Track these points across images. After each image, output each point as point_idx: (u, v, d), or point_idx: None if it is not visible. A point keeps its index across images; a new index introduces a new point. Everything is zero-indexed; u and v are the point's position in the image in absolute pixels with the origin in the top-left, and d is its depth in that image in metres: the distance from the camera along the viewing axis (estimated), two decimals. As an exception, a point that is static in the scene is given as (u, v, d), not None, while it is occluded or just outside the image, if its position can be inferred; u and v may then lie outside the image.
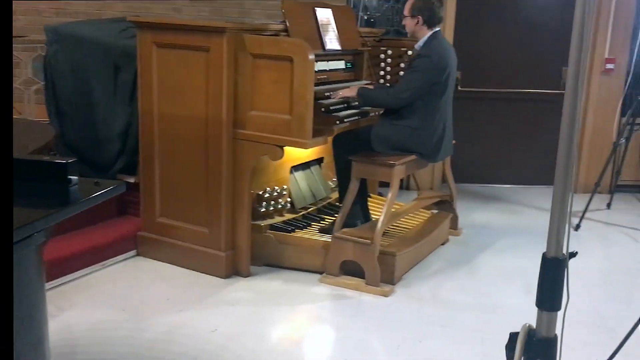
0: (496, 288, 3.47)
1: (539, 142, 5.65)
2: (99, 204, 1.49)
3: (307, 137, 3.09)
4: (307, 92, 3.02)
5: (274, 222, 3.69)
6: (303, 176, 4.05)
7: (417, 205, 4.03)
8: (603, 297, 3.41)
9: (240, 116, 3.25)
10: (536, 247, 4.07)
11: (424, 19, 3.46)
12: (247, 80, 3.19)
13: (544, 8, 5.38)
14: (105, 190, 1.44)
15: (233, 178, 3.34)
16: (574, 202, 4.83)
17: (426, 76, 3.39)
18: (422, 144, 3.52)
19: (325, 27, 3.83)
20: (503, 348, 2.76)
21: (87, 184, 1.46)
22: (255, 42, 3.13)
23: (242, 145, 3.28)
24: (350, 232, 3.43)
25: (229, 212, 3.38)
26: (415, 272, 3.64)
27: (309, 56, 2.99)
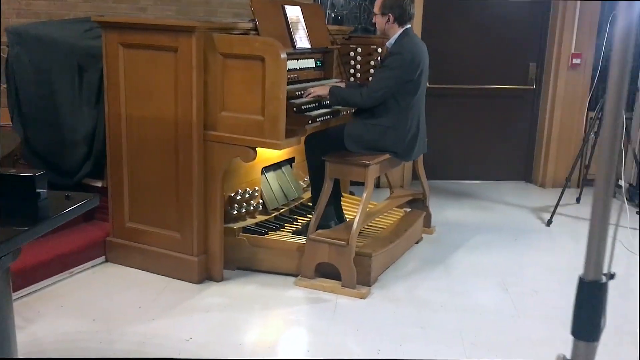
0: (472, 286, 3.47)
1: (507, 137, 5.71)
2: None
3: (280, 138, 3.03)
4: (280, 92, 2.96)
5: (246, 224, 3.63)
6: (274, 177, 3.99)
7: (390, 204, 4.01)
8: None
9: (211, 117, 3.17)
10: (508, 243, 4.16)
11: (394, 17, 3.43)
12: (217, 80, 3.11)
13: (510, 4, 5.42)
14: (77, 205, 1.35)
15: (204, 181, 3.26)
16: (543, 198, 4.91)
17: (399, 74, 3.36)
18: (395, 143, 3.49)
19: (295, 26, 3.77)
20: (484, 349, 2.77)
21: (57, 198, 1.37)
22: (225, 41, 3.06)
23: (213, 147, 3.21)
24: (325, 233, 3.39)
25: (201, 215, 3.30)
26: (390, 272, 3.61)
27: (281, 55, 2.93)
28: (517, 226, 4.55)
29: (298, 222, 3.87)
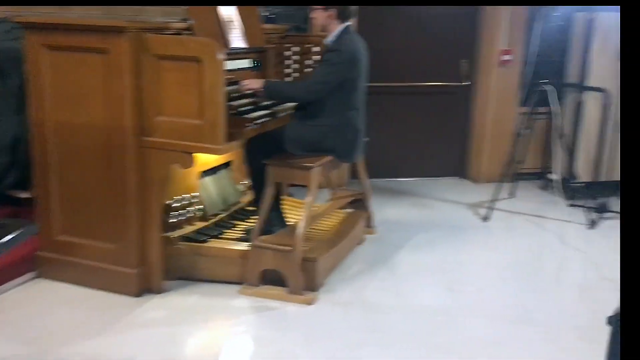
0: (418, 287, 3.46)
1: (442, 134, 5.78)
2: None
3: (220, 142, 2.91)
4: (218, 94, 2.84)
5: (185, 232, 3.48)
6: (213, 181, 3.86)
7: (332, 206, 3.96)
8: (524, 289, 3.48)
9: (146, 123, 3.01)
10: (450, 241, 4.19)
11: (336, 12, 3.37)
12: (151, 83, 2.95)
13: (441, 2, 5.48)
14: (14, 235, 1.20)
15: (140, 189, 3.10)
16: (478, 193, 4.99)
17: (338, 70, 3.31)
18: (338, 144, 3.44)
19: (229, 25, 3.65)
20: (439, 351, 2.76)
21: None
22: (159, 42, 2.90)
23: (149, 153, 3.05)
24: (270, 239, 3.30)
25: (138, 225, 3.14)
26: (336, 275, 3.56)
27: (218, 56, 2.81)
28: (456, 223, 4.60)
29: (239, 228, 3.76)
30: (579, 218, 4.68)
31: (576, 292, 3.50)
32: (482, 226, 4.56)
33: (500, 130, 5.60)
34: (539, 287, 3.54)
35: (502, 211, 4.85)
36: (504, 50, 5.41)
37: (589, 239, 4.31)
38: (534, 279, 3.67)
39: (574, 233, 4.43)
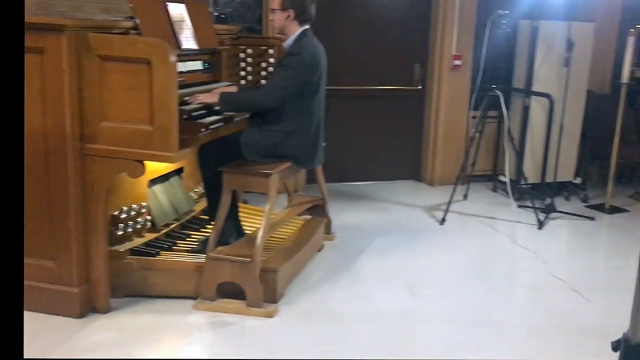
0: (381, 293, 3.37)
1: (396, 137, 5.74)
2: None
3: (173, 149, 2.72)
4: (171, 98, 2.65)
5: (134, 245, 3.25)
6: (163, 190, 3.64)
7: (291, 213, 3.81)
8: (481, 291, 3.45)
9: (89, 128, 2.78)
10: (408, 244, 4.13)
11: (295, 14, 3.24)
12: (94, 86, 2.73)
13: (393, 7, 5.45)
14: None
15: (83, 200, 2.86)
16: (433, 196, 4.97)
17: (298, 75, 3.17)
18: (296, 149, 3.30)
19: (180, 24, 3.46)
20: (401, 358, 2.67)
21: None
22: (104, 42, 2.69)
23: (93, 162, 2.82)
24: (227, 250, 3.12)
25: (80, 240, 2.89)
26: (296, 285, 3.42)
27: (171, 58, 2.62)
28: (414, 226, 4.55)
29: (192, 239, 3.56)
30: (528, 219, 4.72)
31: (529, 292, 3.55)
32: (438, 229, 4.52)
33: (453, 134, 5.61)
34: (495, 288, 3.54)
35: (457, 213, 4.84)
36: (455, 55, 5.42)
37: (538, 239, 4.35)
38: (489, 280, 3.66)
39: (524, 233, 4.46)
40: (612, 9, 5.62)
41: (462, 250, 4.09)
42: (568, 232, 4.56)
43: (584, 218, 4.79)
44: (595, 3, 5.52)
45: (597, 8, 5.52)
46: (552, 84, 5.06)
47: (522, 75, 5.23)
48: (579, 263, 3.94)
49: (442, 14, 5.37)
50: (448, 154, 5.64)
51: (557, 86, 5.04)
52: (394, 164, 5.81)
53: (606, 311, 3.21)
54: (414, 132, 5.79)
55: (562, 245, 4.35)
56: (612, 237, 4.51)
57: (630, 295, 3.40)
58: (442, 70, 5.46)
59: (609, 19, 5.58)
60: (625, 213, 5.01)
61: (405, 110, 5.73)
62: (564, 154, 4.90)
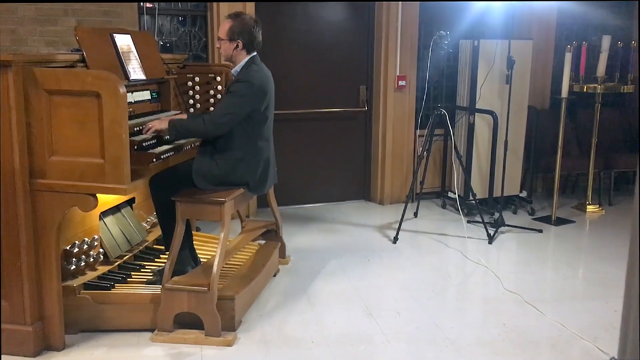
0: (338, 315, 3.41)
1: (345, 158, 5.84)
2: None
3: (125, 181, 2.70)
4: (122, 130, 2.65)
5: (87, 279, 3.20)
6: (114, 221, 3.60)
7: (245, 239, 3.83)
8: (437, 309, 3.53)
9: (38, 163, 2.74)
10: (362, 265, 4.20)
11: (243, 43, 3.28)
12: (42, 121, 2.70)
13: (337, 31, 5.57)
14: None
15: (34, 237, 2.81)
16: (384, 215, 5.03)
17: (245, 101, 3.20)
18: (247, 176, 3.32)
19: (127, 55, 3.46)
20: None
21: None
22: (51, 76, 2.66)
23: (43, 197, 2.77)
24: (183, 280, 3.11)
25: (32, 277, 2.84)
26: (254, 311, 3.42)
27: (120, 90, 2.62)
28: (367, 246, 4.62)
29: (146, 269, 3.53)
30: (478, 233, 4.87)
31: (483, 307, 3.62)
32: (391, 248, 4.61)
33: (400, 152, 5.75)
34: (450, 305, 3.63)
35: (409, 231, 4.94)
36: (399, 76, 5.58)
37: (489, 253, 4.49)
38: (444, 297, 3.74)
39: (475, 248, 4.59)
40: (547, 27, 5.91)
41: (416, 268, 4.18)
42: (518, 245, 4.71)
43: (532, 231, 4.97)
44: (531, 21, 5.80)
45: (533, 26, 5.81)
46: (495, 100, 5.28)
47: (465, 93, 5.43)
48: (530, 275, 4.07)
49: (384, 37, 5.52)
50: (396, 173, 5.77)
51: (499, 103, 5.25)
52: (343, 185, 5.90)
53: (560, 322, 3.32)
54: (362, 152, 5.90)
55: (513, 259, 4.48)
56: (560, 248, 4.67)
57: (582, 304, 3.57)
58: (387, 90, 5.61)
59: (544, 36, 5.86)
60: (571, 224, 5.22)
61: (352, 131, 5.85)
62: (509, 168, 5.09)
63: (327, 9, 5.51)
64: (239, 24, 3.29)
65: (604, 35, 5.37)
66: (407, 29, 5.52)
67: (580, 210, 5.63)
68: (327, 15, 5.51)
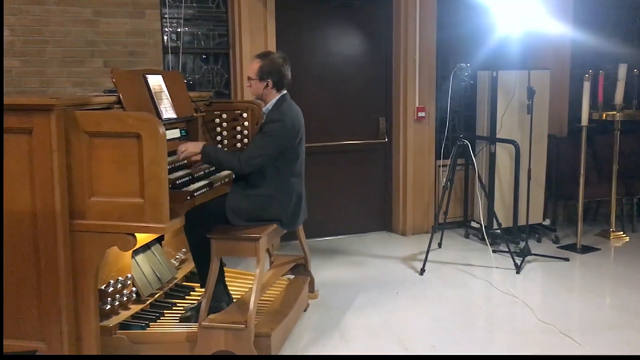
0: (373, 350, 3.38)
1: (365, 190, 5.85)
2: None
3: (164, 220, 2.72)
4: (161, 170, 2.68)
5: (121, 319, 3.21)
6: (145, 259, 3.62)
7: (276, 274, 3.81)
8: (472, 341, 3.49)
9: (79, 205, 2.77)
10: (391, 298, 4.17)
11: (273, 82, 3.33)
12: (83, 163, 2.73)
13: (356, 65, 5.64)
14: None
15: (73, 278, 2.82)
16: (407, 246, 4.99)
17: (279, 141, 3.24)
18: (280, 212, 3.34)
19: (159, 95, 3.52)
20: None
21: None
22: (92, 118, 2.71)
23: (82, 238, 2.79)
24: (219, 317, 3.11)
25: (71, 319, 2.84)
26: (288, 348, 3.40)
27: (160, 130, 2.66)
28: (394, 278, 4.60)
29: (178, 307, 3.52)
30: (504, 263, 4.84)
31: (519, 339, 3.56)
32: (418, 279, 4.58)
33: (421, 183, 5.76)
34: (484, 337, 3.59)
35: (434, 262, 4.92)
36: (418, 107, 5.62)
37: (517, 283, 4.45)
38: (479, 329, 3.71)
39: (503, 278, 4.56)
40: (562, 56, 5.97)
41: (446, 300, 4.15)
42: (546, 274, 4.68)
43: (558, 259, 4.94)
44: (546, 51, 5.86)
45: (548, 56, 5.86)
46: (515, 130, 5.30)
47: (485, 123, 5.46)
48: (562, 305, 4.03)
49: (403, 68, 5.59)
50: (418, 204, 5.78)
51: (519, 132, 5.28)
52: (365, 216, 5.90)
53: (600, 353, 3.28)
54: (382, 183, 5.92)
55: (543, 288, 4.44)
56: (589, 276, 4.62)
57: (619, 335, 3.52)
58: (407, 122, 5.65)
59: (559, 65, 5.91)
60: (597, 251, 5.19)
61: (372, 162, 5.87)
62: (531, 196, 5.09)
63: (345, 42, 5.59)
64: (268, 64, 3.35)
65: (620, 64, 5.42)
66: (425, 60, 5.59)
67: (604, 237, 5.60)
68: (345, 48, 5.59)
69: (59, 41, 4.57)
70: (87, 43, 4.65)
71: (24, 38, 4.49)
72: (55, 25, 4.54)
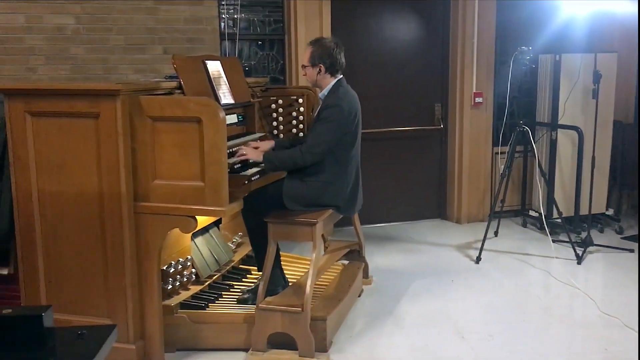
0: (429, 338, 3.36)
1: (420, 177, 5.79)
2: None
3: (224, 204, 2.78)
4: (221, 154, 2.73)
5: (182, 299, 3.29)
6: (203, 242, 3.69)
7: (331, 259, 3.84)
8: (530, 332, 3.43)
9: (142, 187, 2.85)
10: (447, 286, 4.12)
11: (325, 67, 3.32)
12: (146, 146, 2.81)
13: (410, 49, 5.56)
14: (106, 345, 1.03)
15: (138, 258, 2.92)
16: (462, 234, 4.89)
17: (338, 127, 3.23)
18: (337, 198, 3.34)
19: (217, 81, 3.57)
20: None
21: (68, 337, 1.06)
22: (155, 103, 2.78)
23: (146, 219, 2.88)
24: (276, 300, 3.15)
25: (136, 297, 2.94)
26: (343, 333, 3.42)
27: (220, 115, 2.71)
28: (449, 266, 4.55)
29: (235, 289, 3.59)
30: (564, 253, 4.71)
31: (582, 331, 3.46)
32: (474, 268, 4.52)
33: (477, 171, 5.66)
34: (545, 329, 3.50)
35: (490, 251, 4.83)
36: (475, 92, 5.51)
37: (578, 274, 4.33)
38: (537, 319, 3.62)
39: (563, 269, 4.43)
40: (631, 38, 5.70)
41: (503, 290, 4.08)
42: (609, 265, 4.53)
43: (622, 250, 4.77)
44: (613, 33, 5.62)
45: (615, 38, 5.62)
46: (578, 116, 5.13)
47: (546, 109, 5.30)
48: (626, 298, 3.88)
49: (460, 53, 5.48)
50: (473, 191, 5.68)
51: (582, 118, 5.10)
52: (419, 204, 5.84)
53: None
54: (437, 170, 5.84)
55: (605, 280, 4.30)
56: (654, 268, 4.47)
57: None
58: (463, 107, 5.54)
59: (628, 48, 5.65)
60: (663, 243, 4.99)
61: (427, 149, 5.80)
62: (595, 185, 4.92)
63: (401, 27, 5.51)
64: (319, 49, 3.34)
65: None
66: (483, 44, 5.46)
67: (671, 228, 5.37)
68: (401, 33, 5.52)
69: (122, 29, 4.69)
70: (147, 30, 4.75)
71: (89, 26, 4.63)
72: (118, 13, 4.66)
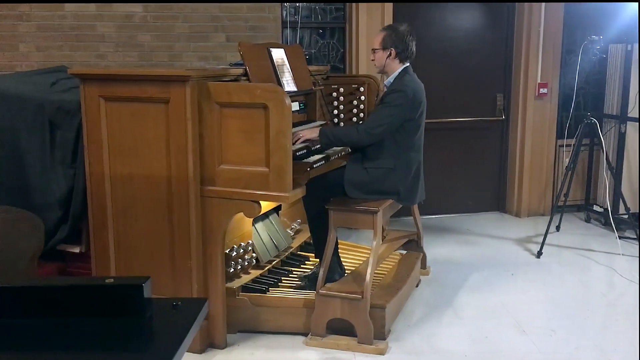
0: (489, 330, 3.32)
1: (480, 168, 5.69)
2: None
3: (287, 189, 2.82)
4: (287, 140, 2.76)
5: (243, 282, 3.36)
6: (264, 227, 3.75)
7: (389, 248, 3.84)
8: (595, 329, 3.34)
9: (208, 172, 2.93)
10: (507, 279, 4.06)
11: (396, 52, 3.31)
12: (214, 131, 2.88)
13: (473, 38, 5.45)
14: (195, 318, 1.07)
15: (203, 240, 2.99)
16: (521, 227, 4.77)
17: (400, 111, 3.22)
18: (398, 185, 3.33)
19: (281, 69, 3.61)
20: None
21: (164, 307, 1.11)
22: (222, 89, 2.84)
23: (211, 203, 2.95)
24: (336, 287, 3.17)
25: (200, 278, 3.02)
26: (401, 321, 3.42)
27: (286, 102, 2.74)
28: (509, 260, 4.47)
29: (294, 275, 3.64)
30: (630, 250, 4.55)
31: None
32: (535, 262, 4.42)
33: (539, 163, 5.52)
34: (609, 326, 3.41)
35: (552, 245, 4.72)
36: (540, 83, 5.36)
37: (647, 272, 4.18)
38: (601, 316, 3.52)
39: (629, 266, 4.29)
40: None
41: (565, 285, 3.98)
42: (678, 263, 4.36)
43: (692, 248, 4.58)
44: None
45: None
46: (649, 109, 4.93)
47: (615, 101, 5.12)
48: (695, 297, 3.75)
49: (525, 41, 5.34)
50: (535, 184, 5.55)
51: (654, 111, 4.90)
52: (478, 196, 5.75)
53: None
54: (498, 162, 5.73)
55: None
56: None
57: None
58: (527, 98, 5.41)
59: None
60: None
61: (488, 140, 5.69)
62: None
63: (465, 15, 5.41)
64: (392, 33, 3.34)
65: None
66: (550, 32, 5.30)
67: None
68: (464, 21, 5.42)
69: (187, 17, 4.80)
70: (211, 18, 4.84)
71: (156, 14, 4.75)
72: (183, 1, 4.76)
